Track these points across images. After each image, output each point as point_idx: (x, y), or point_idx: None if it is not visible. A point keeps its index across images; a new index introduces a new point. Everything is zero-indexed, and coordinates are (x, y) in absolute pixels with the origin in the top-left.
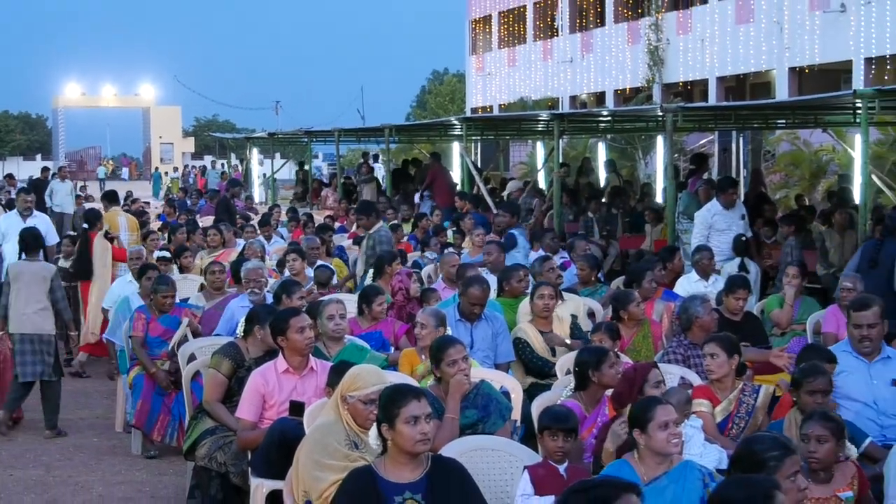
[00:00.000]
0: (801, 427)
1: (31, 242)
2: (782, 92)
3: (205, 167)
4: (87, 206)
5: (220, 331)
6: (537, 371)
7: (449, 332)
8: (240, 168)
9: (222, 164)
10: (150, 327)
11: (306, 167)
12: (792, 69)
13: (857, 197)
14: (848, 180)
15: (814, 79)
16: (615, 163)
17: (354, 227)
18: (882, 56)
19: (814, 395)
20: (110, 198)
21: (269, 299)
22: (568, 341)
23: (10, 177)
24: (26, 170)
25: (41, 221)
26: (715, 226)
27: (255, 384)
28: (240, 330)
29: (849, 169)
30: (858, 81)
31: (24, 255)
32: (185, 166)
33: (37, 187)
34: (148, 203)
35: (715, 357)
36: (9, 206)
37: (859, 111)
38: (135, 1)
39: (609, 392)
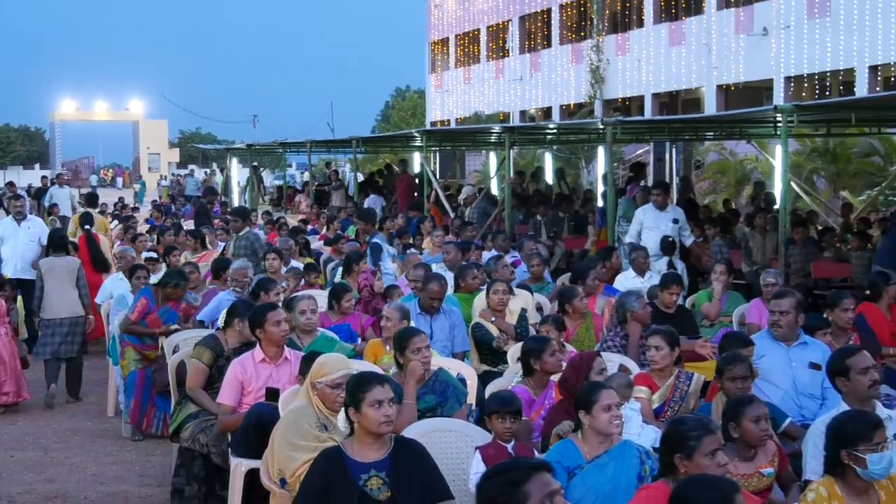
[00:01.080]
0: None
1: (57, 242)
2: (710, 107)
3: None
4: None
5: (204, 317)
6: (492, 354)
7: (412, 324)
8: (218, 176)
9: (205, 172)
10: (148, 316)
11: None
12: (719, 86)
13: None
14: (763, 187)
15: (739, 95)
16: (564, 171)
17: (325, 230)
18: (800, 75)
19: (735, 380)
20: (90, 200)
21: None
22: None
23: (10, 184)
24: (26, 178)
25: (35, 225)
26: (645, 223)
27: (235, 372)
28: (221, 322)
29: (770, 177)
30: (779, 98)
31: (52, 253)
32: (174, 175)
33: (37, 195)
34: (137, 209)
35: (659, 349)
36: (6, 210)
37: (779, 124)
38: (125, 24)
39: (555, 377)
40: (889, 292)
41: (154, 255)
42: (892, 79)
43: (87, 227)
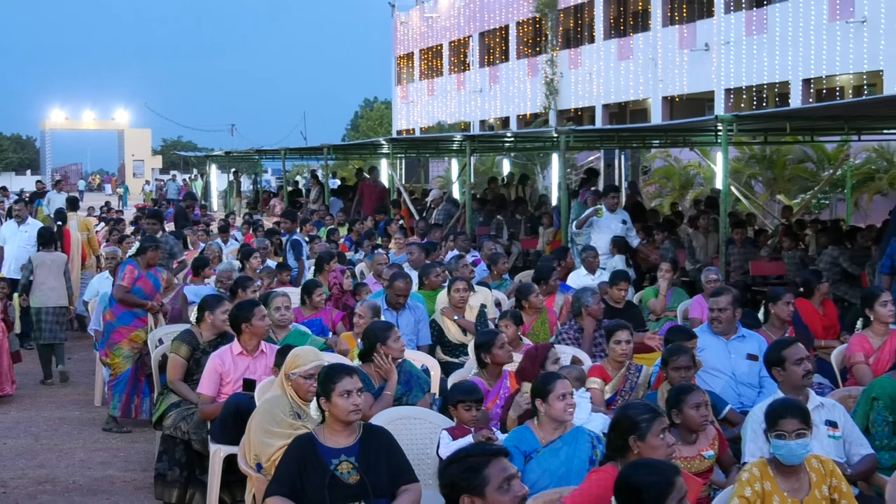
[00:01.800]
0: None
1: (46, 238)
2: (656, 117)
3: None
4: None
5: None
6: (452, 347)
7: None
8: (200, 182)
9: (183, 179)
10: (138, 281)
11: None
12: (664, 98)
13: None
14: (717, 192)
15: (683, 106)
16: (528, 177)
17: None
18: (739, 87)
19: (678, 370)
20: (71, 203)
21: None
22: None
23: (3, 189)
24: (18, 183)
25: (32, 228)
26: (595, 225)
27: (214, 364)
28: (193, 318)
29: (711, 182)
30: (720, 108)
31: (41, 248)
32: (157, 180)
33: (31, 199)
34: (122, 212)
35: (629, 343)
36: (9, 214)
37: (720, 133)
38: (111, 38)
39: (508, 367)
40: (820, 289)
41: None
42: (824, 91)
43: (59, 223)
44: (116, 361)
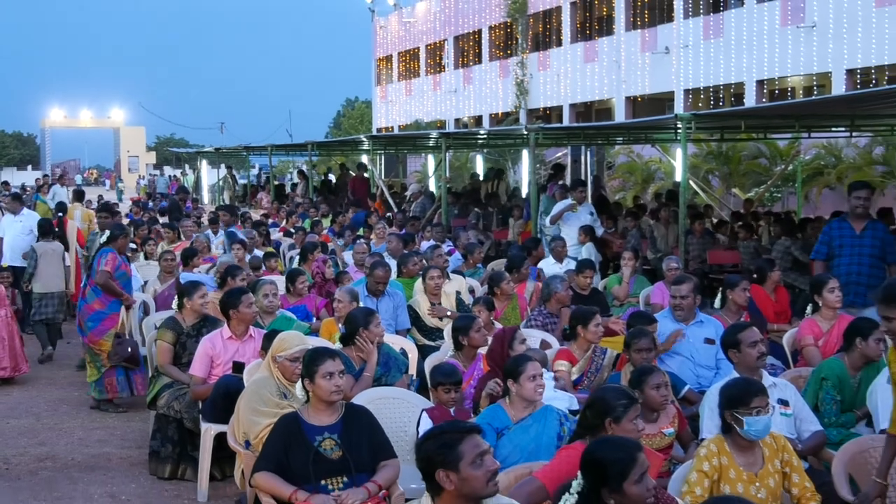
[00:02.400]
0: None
1: (46, 229)
2: (620, 115)
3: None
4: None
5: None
6: (429, 330)
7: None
8: (190, 177)
9: (171, 175)
10: (122, 266)
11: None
12: (627, 98)
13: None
14: (677, 187)
15: (644, 106)
16: (503, 171)
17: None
18: (697, 88)
19: (640, 352)
20: (78, 195)
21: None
22: (448, 312)
23: (5, 184)
24: (19, 178)
25: (29, 217)
26: (565, 217)
27: (205, 348)
28: (175, 305)
29: (671, 176)
30: (679, 107)
31: (41, 238)
32: (152, 175)
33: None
34: (117, 204)
35: (598, 326)
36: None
37: (679, 131)
38: (107, 40)
39: (482, 350)
40: (773, 277)
41: (133, 245)
42: (776, 91)
43: (59, 214)
44: (106, 346)
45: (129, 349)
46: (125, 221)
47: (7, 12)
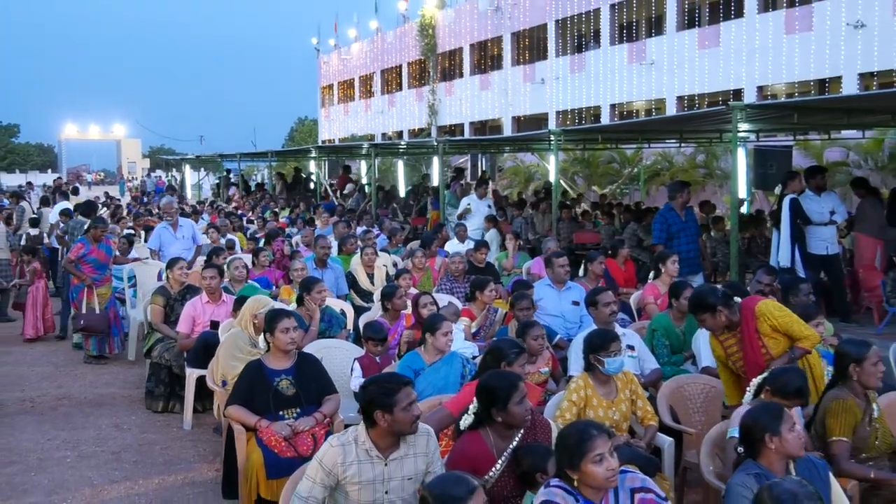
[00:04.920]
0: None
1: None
2: (507, 130)
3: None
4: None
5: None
6: (362, 295)
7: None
8: (176, 178)
9: (156, 176)
10: (92, 251)
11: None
12: (514, 117)
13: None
14: (550, 185)
15: (526, 123)
16: (429, 176)
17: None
18: (565, 109)
19: (522, 311)
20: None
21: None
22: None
23: (30, 184)
24: (41, 179)
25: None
26: (471, 206)
27: (188, 311)
28: (164, 277)
29: (547, 177)
30: (552, 124)
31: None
32: (143, 178)
33: (54, 191)
34: (119, 199)
35: (492, 291)
36: (44, 202)
37: (552, 142)
38: (111, 68)
39: (404, 312)
40: (622, 253)
41: (132, 232)
42: (625, 112)
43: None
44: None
45: (82, 322)
46: (126, 213)
47: (32, 47)
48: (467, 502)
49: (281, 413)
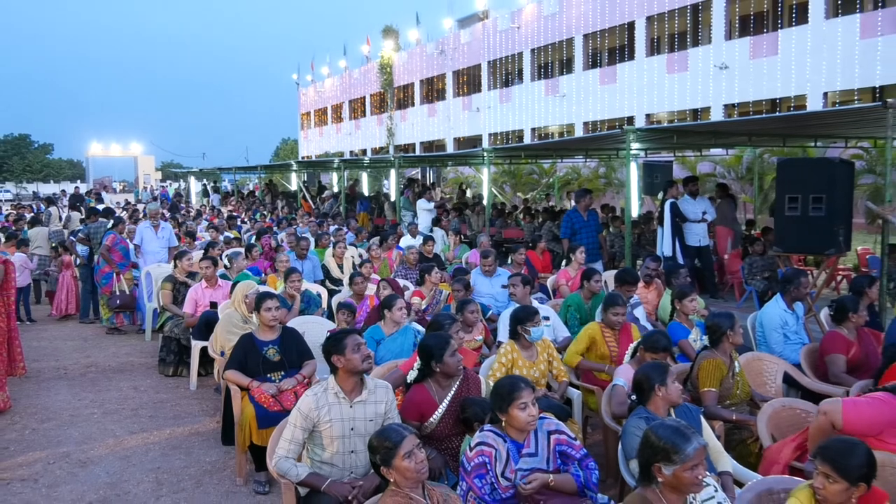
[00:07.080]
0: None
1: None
2: (450, 148)
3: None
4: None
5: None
6: (334, 281)
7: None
8: (182, 187)
9: (166, 184)
10: (121, 241)
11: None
12: (455, 138)
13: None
14: (481, 192)
15: (464, 143)
16: (385, 195)
17: (244, 215)
18: (496, 132)
19: (459, 292)
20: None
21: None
22: (344, 272)
23: (63, 192)
24: (70, 189)
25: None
26: (423, 208)
27: (192, 295)
28: (171, 267)
29: (481, 185)
30: (485, 143)
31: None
32: (151, 186)
33: (79, 198)
34: (136, 204)
35: (437, 274)
36: (73, 207)
37: (486, 158)
38: (130, 96)
39: (369, 292)
40: (541, 245)
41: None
42: (543, 135)
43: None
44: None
45: (118, 301)
46: (141, 215)
47: (65, 75)
48: (401, 444)
49: (269, 375)
